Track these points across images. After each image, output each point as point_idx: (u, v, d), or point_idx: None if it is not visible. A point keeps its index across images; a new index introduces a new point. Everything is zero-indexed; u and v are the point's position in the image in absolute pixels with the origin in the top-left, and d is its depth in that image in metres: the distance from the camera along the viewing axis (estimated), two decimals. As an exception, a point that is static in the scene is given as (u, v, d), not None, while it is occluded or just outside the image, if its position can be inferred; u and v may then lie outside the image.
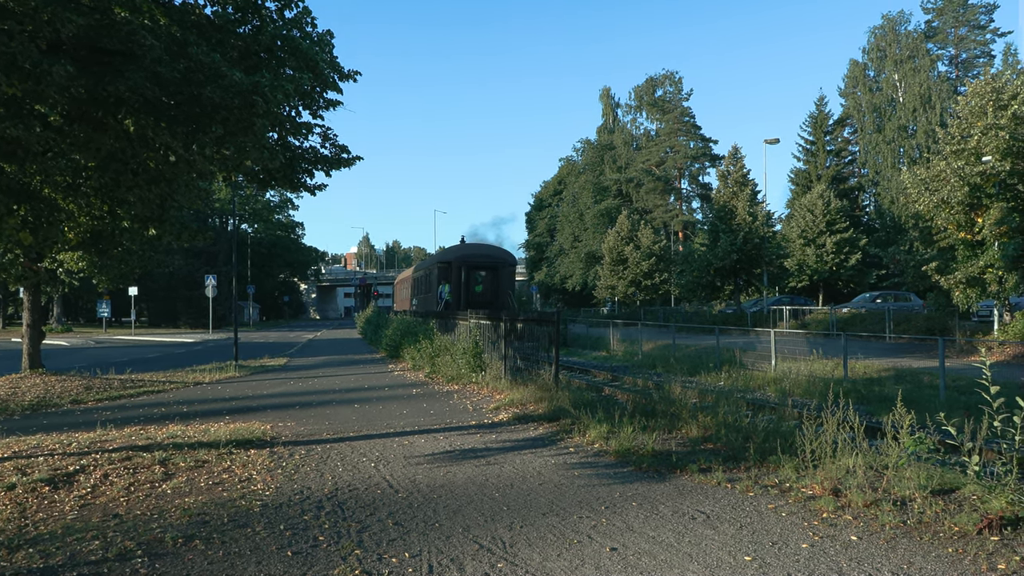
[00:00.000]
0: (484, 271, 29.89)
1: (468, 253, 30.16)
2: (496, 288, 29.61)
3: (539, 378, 12.43)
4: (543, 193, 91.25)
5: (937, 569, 4.65)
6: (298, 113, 11.24)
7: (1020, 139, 26.55)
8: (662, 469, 7.32)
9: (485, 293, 29.57)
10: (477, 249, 31.52)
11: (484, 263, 29.87)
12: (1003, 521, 5.28)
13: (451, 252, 30.66)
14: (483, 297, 29.39)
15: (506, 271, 30.00)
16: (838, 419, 6.86)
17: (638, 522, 5.69)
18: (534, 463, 7.79)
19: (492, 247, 33.16)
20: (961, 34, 64.68)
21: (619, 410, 9.46)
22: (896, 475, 6.19)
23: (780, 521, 5.65)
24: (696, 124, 76.65)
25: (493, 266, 29.98)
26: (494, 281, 29.89)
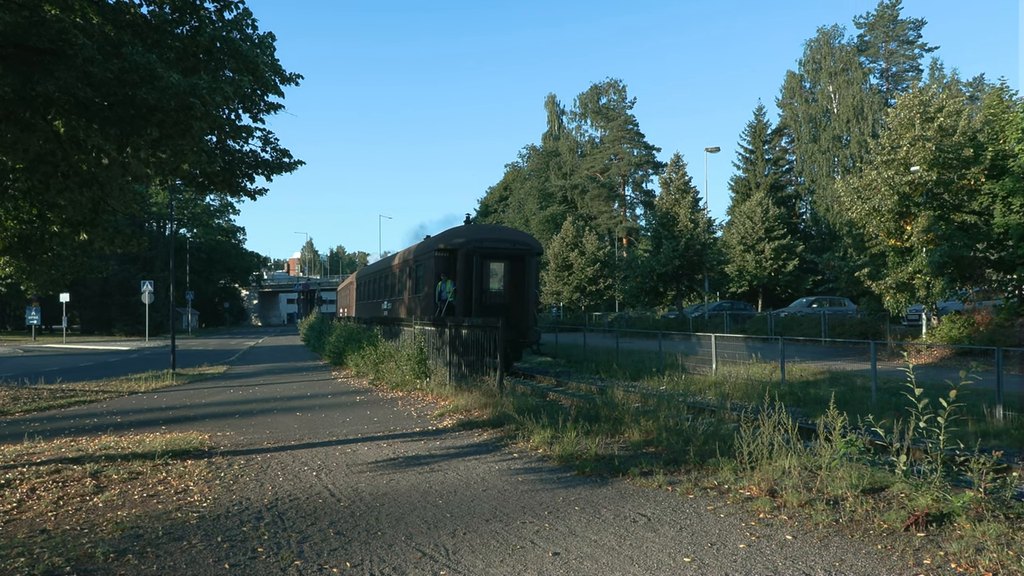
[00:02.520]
0: (505, 262, 21.58)
1: (483, 237, 21.43)
2: (521, 286, 21.23)
3: (484, 384, 12.43)
4: (489, 199, 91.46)
5: (867, 566, 4.81)
6: (238, 116, 11.04)
7: (945, 150, 27.68)
8: (605, 473, 7.40)
9: (505, 293, 21.50)
10: (493, 232, 23.28)
11: (505, 250, 21.26)
12: (929, 518, 5.48)
13: (456, 235, 21.44)
14: (501, 299, 21.50)
15: (533, 263, 21.42)
16: (774, 422, 7.04)
17: (580, 526, 5.74)
18: (478, 469, 7.78)
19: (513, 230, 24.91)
20: (891, 48, 67.15)
21: (563, 415, 9.52)
22: (829, 475, 6.38)
23: (719, 522, 5.76)
24: (640, 132, 77.83)
25: (518, 255, 21.22)
26: (518, 276, 21.41)
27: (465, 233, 21.49)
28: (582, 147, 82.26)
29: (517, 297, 21.25)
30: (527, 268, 21.12)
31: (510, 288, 21.57)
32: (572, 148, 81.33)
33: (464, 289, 20.37)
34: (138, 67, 8.24)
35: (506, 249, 21.37)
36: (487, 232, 22.93)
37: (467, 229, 22.26)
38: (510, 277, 21.69)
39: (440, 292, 20.64)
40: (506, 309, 20.69)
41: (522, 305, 20.92)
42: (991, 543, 4.94)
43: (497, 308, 20.68)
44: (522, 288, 21.11)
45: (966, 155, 27.94)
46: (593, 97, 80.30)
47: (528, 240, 22.52)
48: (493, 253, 21.15)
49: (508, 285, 21.65)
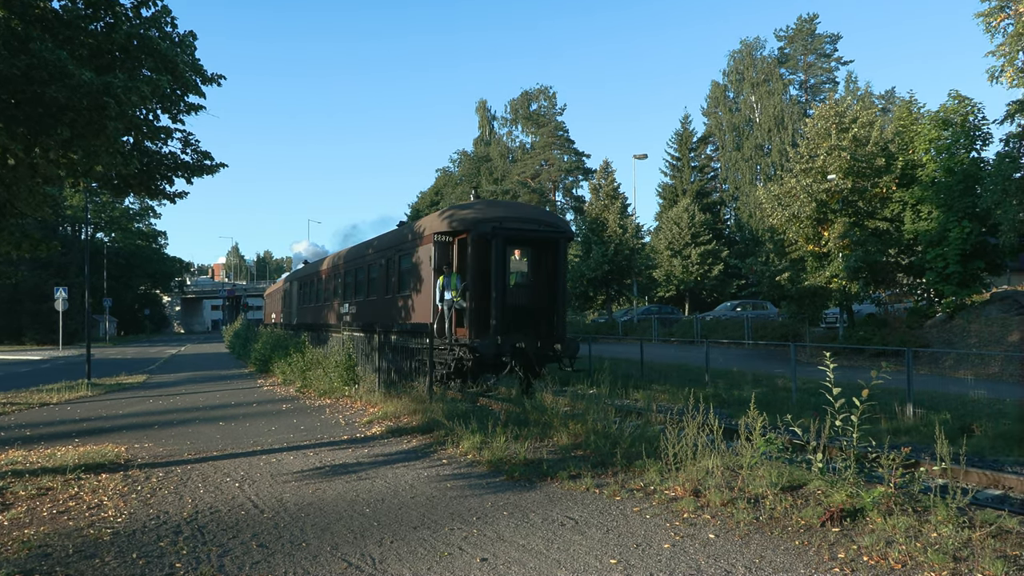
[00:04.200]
0: (531, 249, 16.52)
1: (501, 215, 16.23)
2: (551, 280, 16.24)
3: (414, 390, 12.33)
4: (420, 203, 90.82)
5: (785, 561, 4.95)
6: (156, 117, 10.66)
7: (859, 159, 28.88)
8: (533, 477, 7.42)
9: (531, 290, 16.40)
10: (513, 209, 17.99)
11: (533, 233, 16.21)
12: (843, 513, 5.69)
13: (463, 213, 16.39)
14: (526, 298, 16.24)
15: (565, 250, 16.64)
16: (698, 423, 7.19)
17: (509, 531, 5.74)
18: (407, 476, 7.71)
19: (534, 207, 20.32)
20: (810, 61, 69.71)
21: (493, 420, 9.50)
22: (750, 474, 6.55)
23: (644, 523, 5.85)
24: (570, 138, 78.58)
25: (548, 240, 16.27)
26: (548, 267, 16.38)
27: (476, 210, 16.38)
28: (513, 152, 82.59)
29: (545, 295, 16.30)
30: (558, 257, 16.21)
31: (536, 284, 16.55)
32: (503, 153, 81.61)
33: (478, 286, 15.33)
34: (47, 64, 7.87)
35: (533, 232, 16.28)
36: (505, 209, 17.70)
37: (476, 205, 17.26)
38: (536, 269, 16.60)
39: (442, 291, 15.55)
40: (532, 313, 16.04)
41: (552, 305, 16.14)
42: (900, 536, 5.16)
43: (522, 311, 15.85)
44: (552, 283, 16.18)
45: (878, 164, 29.21)
46: (524, 103, 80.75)
47: (558, 221, 17.96)
48: (518, 237, 15.88)
49: (534, 280, 16.63)
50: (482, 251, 15.48)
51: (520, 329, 15.42)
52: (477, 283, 15.42)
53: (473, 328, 15.09)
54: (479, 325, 15.12)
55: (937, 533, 5.17)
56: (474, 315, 15.29)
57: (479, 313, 15.29)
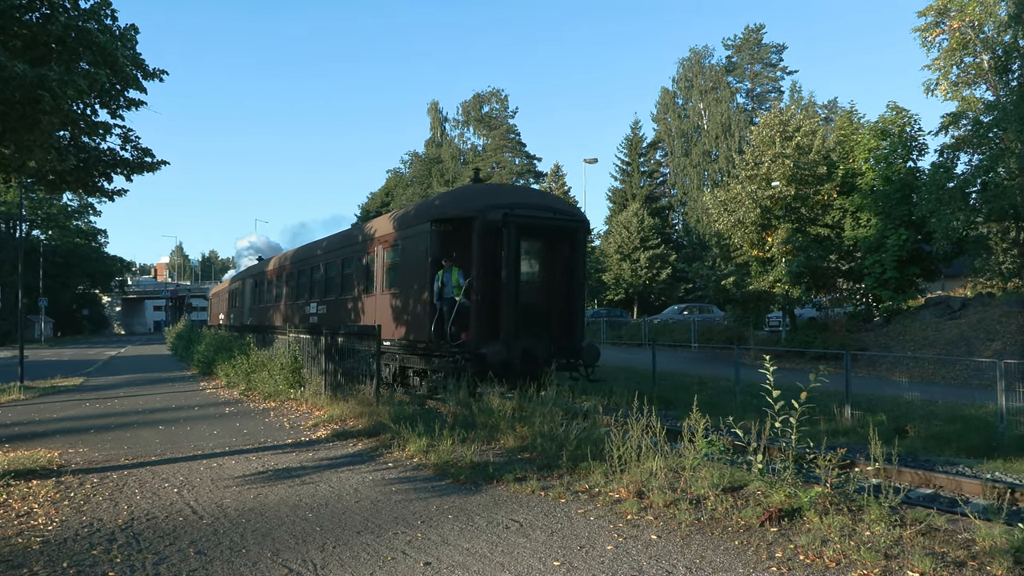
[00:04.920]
0: (545, 240, 14.81)
1: (512, 200, 14.42)
2: (567, 276, 14.52)
3: (360, 393, 12.21)
4: (370, 204, 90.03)
5: (725, 561, 5.04)
6: (94, 112, 10.37)
7: (802, 167, 29.61)
8: (479, 480, 7.41)
9: (546, 287, 14.76)
10: (523, 195, 16.70)
11: (548, 222, 14.45)
12: (781, 513, 5.81)
13: (467, 198, 14.86)
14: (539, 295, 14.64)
15: (583, 242, 14.94)
16: (643, 425, 7.27)
17: (453, 535, 5.72)
18: (351, 480, 7.62)
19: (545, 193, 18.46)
20: (756, 70, 71.28)
21: (440, 423, 9.47)
22: (693, 475, 6.65)
23: (588, 525, 5.89)
24: (521, 141, 78.94)
25: (566, 230, 14.55)
26: (563, 262, 14.64)
27: (481, 195, 14.53)
28: (464, 155, 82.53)
29: (560, 293, 14.51)
30: (576, 250, 14.42)
31: (550, 280, 14.71)
32: (455, 155, 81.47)
33: (485, 282, 13.50)
34: (-23, 55, 7.60)
35: (548, 220, 14.38)
36: (514, 194, 15.92)
37: (480, 190, 15.39)
38: (550, 263, 14.77)
39: (442, 288, 13.75)
40: (545, 313, 14.40)
41: (568, 305, 14.37)
42: (835, 535, 5.29)
43: (533, 311, 14.18)
44: (568, 280, 14.37)
45: (820, 172, 30.01)
46: (476, 105, 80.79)
47: (572, 208, 16.22)
48: (531, 225, 13.96)
49: (547, 276, 14.77)
50: (490, 241, 13.58)
51: (531, 332, 13.81)
52: (483, 279, 13.51)
53: (478, 331, 13.37)
54: (485, 328, 13.40)
55: (870, 532, 5.32)
56: (479, 316, 13.45)
57: (485, 314, 13.46)
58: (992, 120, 26.33)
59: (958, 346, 25.02)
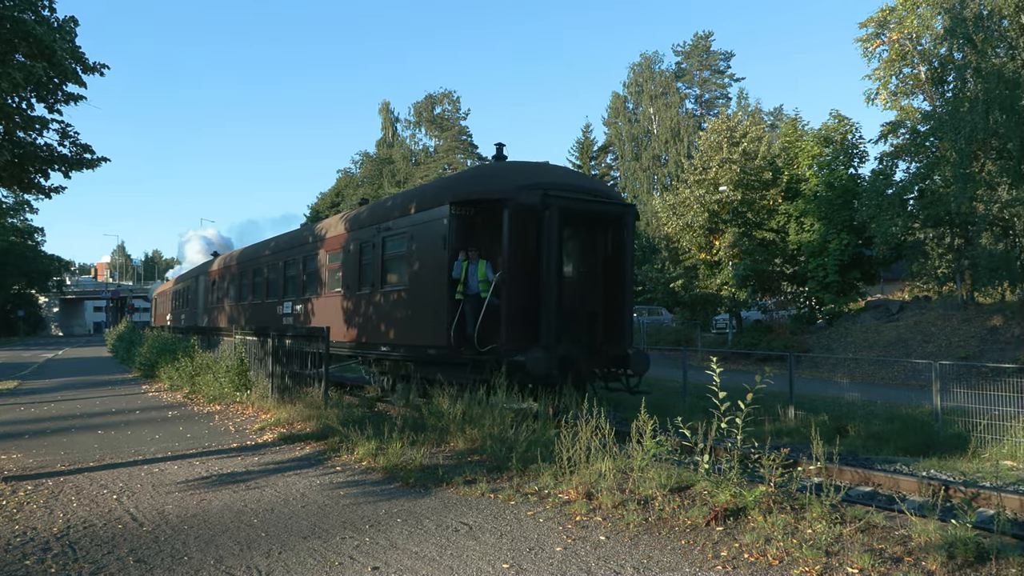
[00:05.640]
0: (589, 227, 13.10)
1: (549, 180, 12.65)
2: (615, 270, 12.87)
3: (308, 396, 12.04)
4: (320, 204, 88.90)
5: (672, 560, 5.10)
6: (30, 106, 10.02)
7: (749, 173, 30.23)
8: (429, 483, 7.37)
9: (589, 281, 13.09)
10: (558, 174, 13.74)
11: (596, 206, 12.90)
12: (727, 512, 5.91)
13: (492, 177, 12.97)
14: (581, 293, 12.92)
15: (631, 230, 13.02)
16: (592, 427, 7.31)
17: (402, 538, 5.67)
18: (298, 484, 7.50)
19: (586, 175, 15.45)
20: (705, 76, 72.54)
21: (389, 425, 9.38)
22: (641, 476, 6.72)
23: (538, 527, 5.90)
24: (473, 143, 78.92)
25: (616, 215, 12.93)
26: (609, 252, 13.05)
27: (512, 173, 12.53)
28: (416, 155, 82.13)
29: (604, 291, 12.79)
30: (624, 239, 12.61)
31: (592, 275, 12.92)
32: (406, 156, 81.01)
33: (518, 277, 11.71)
34: (-96, 44, 7.27)
35: (593, 204, 12.71)
36: (550, 173, 13.39)
37: (509, 168, 13.19)
38: (591, 255, 12.98)
39: (466, 283, 11.97)
40: (588, 315, 12.72)
41: (614, 304, 12.64)
42: (778, 533, 5.40)
43: (576, 312, 12.44)
44: (616, 274, 12.63)
45: (766, 178, 30.67)
46: (427, 106, 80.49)
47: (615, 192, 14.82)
48: (575, 209, 12.18)
49: (590, 270, 12.96)
50: (524, 228, 11.83)
51: (571, 336, 12.16)
52: (516, 273, 11.71)
53: (511, 335, 11.62)
54: (520, 331, 11.69)
55: (812, 530, 5.44)
56: (512, 317, 11.68)
57: (519, 314, 11.70)
58: (928, 129, 27.28)
59: (896, 348, 25.82)
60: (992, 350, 23.19)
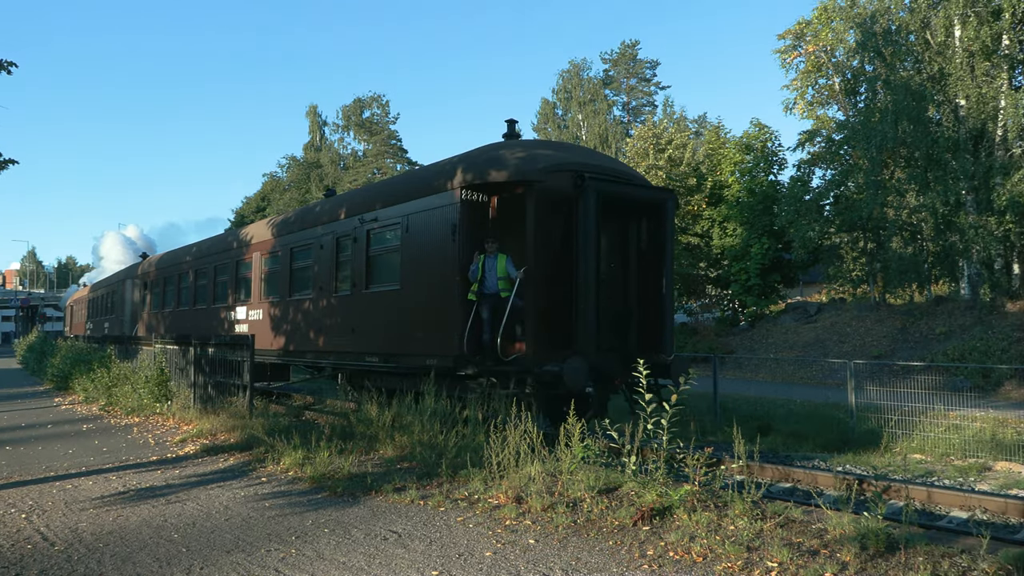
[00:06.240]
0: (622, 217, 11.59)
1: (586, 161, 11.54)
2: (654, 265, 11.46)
3: (233, 406, 11.73)
4: (245, 209, 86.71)
5: (600, 561, 5.17)
6: (-71, 104, 9.46)
7: (674, 179, 30.92)
8: (357, 492, 7.28)
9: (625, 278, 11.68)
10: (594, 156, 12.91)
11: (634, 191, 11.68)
12: (653, 512, 6.02)
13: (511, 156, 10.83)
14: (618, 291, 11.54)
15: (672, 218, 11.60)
16: (521, 431, 7.35)
17: (329, 549, 5.58)
18: (221, 497, 7.30)
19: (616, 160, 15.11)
20: (632, 84, 73.91)
21: (317, 434, 9.23)
22: (570, 479, 6.79)
23: (467, 532, 5.90)
24: (403, 148, 78.32)
25: (656, 202, 11.61)
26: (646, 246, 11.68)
27: (533, 151, 11.04)
28: (344, 160, 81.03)
29: (639, 289, 11.48)
30: (665, 230, 11.33)
31: (627, 271, 11.54)
32: (334, 160, 79.81)
33: (545, 273, 10.32)
34: None
35: (631, 190, 11.55)
36: (576, 153, 12.37)
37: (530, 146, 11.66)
38: (623, 249, 11.56)
39: (483, 281, 10.37)
40: (625, 317, 11.38)
41: (653, 304, 11.32)
42: (702, 530, 5.54)
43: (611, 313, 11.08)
44: (655, 270, 11.34)
45: (691, 184, 31.45)
46: (356, 110, 79.51)
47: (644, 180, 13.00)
48: (613, 195, 10.77)
49: (624, 266, 11.55)
50: (552, 216, 10.45)
51: (605, 342, 10.68)
52: (542, 268, 10.26)
53: (538, 342, 10.15)
54: (548, 336, 10.28)
55: (734, 526, 5.60)
56: (539, 321, 10.24)
57: (548, 317, 10.31)
58: (843, 138, 28.46)
59: (814, 348, 26.80)
60: (903, 349, 24.31)
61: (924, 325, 25.23)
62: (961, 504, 8.60)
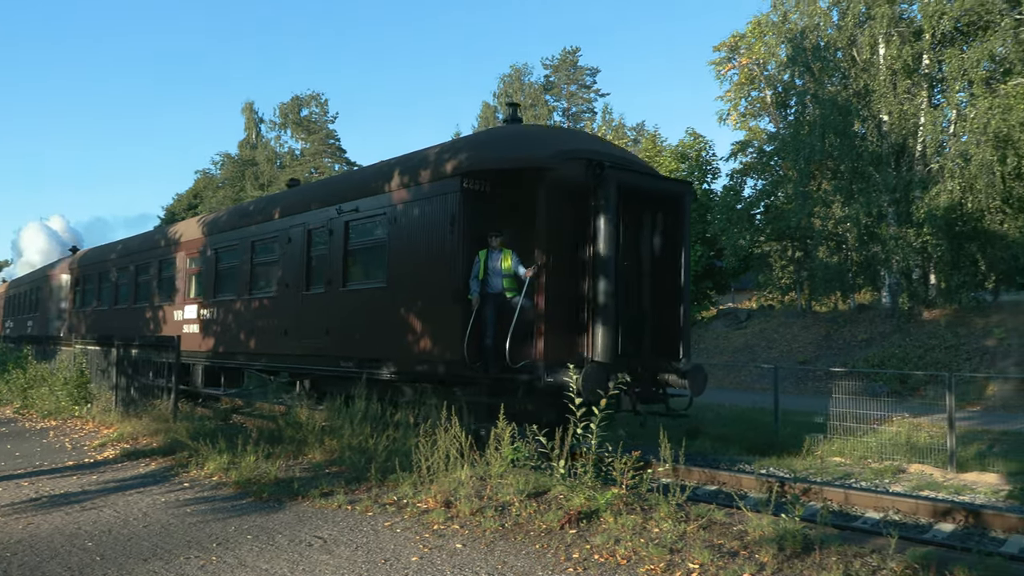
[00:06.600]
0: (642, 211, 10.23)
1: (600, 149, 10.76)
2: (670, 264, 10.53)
3: (156, 409, 11.39)
4: (176, 206, 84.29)
5: (526, 565, 5.19)
6: None
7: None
8: (283, 497, 7.14)
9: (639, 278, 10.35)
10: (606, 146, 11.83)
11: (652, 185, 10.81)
12: (581, 515, 6.09)
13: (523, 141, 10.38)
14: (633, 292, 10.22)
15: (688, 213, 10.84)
16: (452, 435, 7.33)
17: (251, 556, 5.47)
18: (140, 504, 7.07)
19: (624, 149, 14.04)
20: (572, 91, 74.59)
21: (244, 438, 9.01)
22: (499, 483, 6.80)
23: (394, 537, 5.85)
24: (341, 147, 77.41)
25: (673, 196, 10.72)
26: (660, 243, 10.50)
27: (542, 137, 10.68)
28: (281, 158, 79.57)
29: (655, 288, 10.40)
30: (682, 227, 10.61)
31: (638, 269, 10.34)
32: (271, 158, 78.25)
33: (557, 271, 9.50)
34: None
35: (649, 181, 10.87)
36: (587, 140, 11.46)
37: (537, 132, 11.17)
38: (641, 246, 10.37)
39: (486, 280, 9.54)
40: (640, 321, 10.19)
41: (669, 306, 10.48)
42: (627, 533, 5.62)
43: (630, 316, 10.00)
44: (670, 269, 10.51)
45: (627, 190, 31.87)
46: (294, 108, 78.17)
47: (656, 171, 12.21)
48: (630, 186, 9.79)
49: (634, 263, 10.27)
50: (564, 208, 9.52)
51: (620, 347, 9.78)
52: (555, 265, 9.46)
53: (551, 347, 9.36)
54: (561, 341, 9.46)
55: (659, 529, 5.70)
56: (551, 324, 9.41)
57: (560, 320, 9.50)
58: (773, 149, 29.35)
59: (744, 353, 27.51)
60: (826, 355, 25.16)
61: (847, 332, 26.17)
62: (875, 505, 8.94)
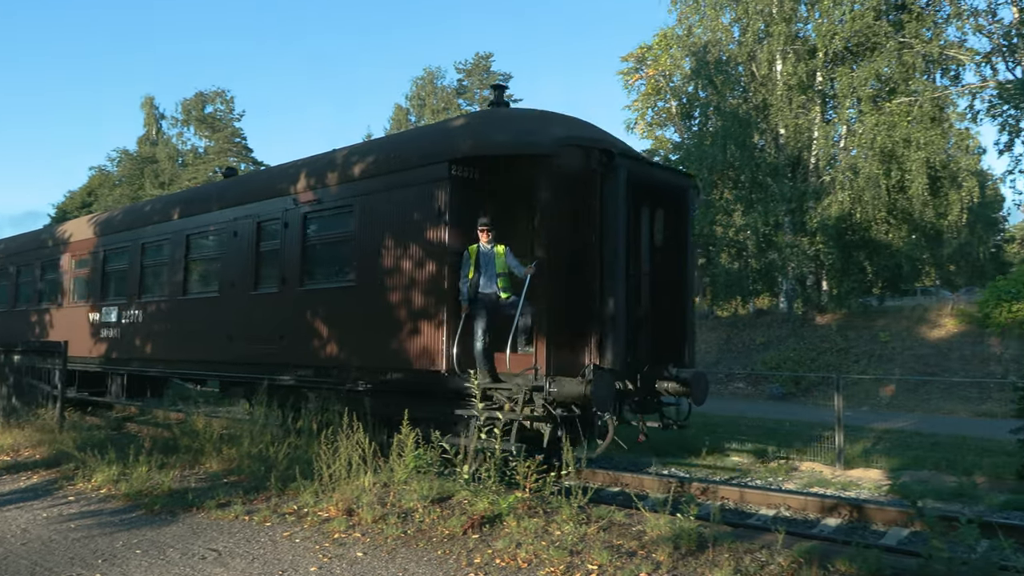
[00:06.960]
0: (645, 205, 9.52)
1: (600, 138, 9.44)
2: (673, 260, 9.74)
3: (41, 418, 10.77)
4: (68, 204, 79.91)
5: (428, 571, 5.16)
6: None
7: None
8: (177, 509, 6.87)
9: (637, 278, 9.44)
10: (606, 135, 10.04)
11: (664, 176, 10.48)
12: (484, 520, 6.10)
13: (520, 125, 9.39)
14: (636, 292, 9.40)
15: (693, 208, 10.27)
16: (354, 441, 7.22)
17: (140, 571, 5.24)
18: (19, 519, 6.66)
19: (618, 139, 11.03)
20: (485, 95, 74.85)
21: (136, 448, 8.62)
22: (403, 489, 6.74)
23: (293, 548, 5.72)
24: (248, 146, 75.23)
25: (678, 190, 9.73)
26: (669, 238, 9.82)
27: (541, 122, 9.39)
28: (184, 156, 76.67)
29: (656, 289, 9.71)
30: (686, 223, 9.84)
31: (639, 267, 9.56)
32: (172, 156, 75.33)
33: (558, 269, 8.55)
34: None
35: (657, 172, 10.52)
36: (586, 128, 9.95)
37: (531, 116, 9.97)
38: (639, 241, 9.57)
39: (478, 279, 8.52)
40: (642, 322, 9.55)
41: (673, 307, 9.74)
42: (529, 537, 5.66)
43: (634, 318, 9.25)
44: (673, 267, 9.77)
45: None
46: (198, 104, 75.51)
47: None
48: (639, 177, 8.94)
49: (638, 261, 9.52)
50: (567, 199, 8.62)
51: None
52: (556, 262, 8.58)
53: (553, 352, 8.37)
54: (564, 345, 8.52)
55: (560, 531, 5.77)
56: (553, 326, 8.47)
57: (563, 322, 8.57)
58: (678, 159, 30.24)
59: (650, 357, 28.20)
60: (728, 358, 26.07)
61: (747, 336, 27.20)
62: (768, 503, 9.33)
